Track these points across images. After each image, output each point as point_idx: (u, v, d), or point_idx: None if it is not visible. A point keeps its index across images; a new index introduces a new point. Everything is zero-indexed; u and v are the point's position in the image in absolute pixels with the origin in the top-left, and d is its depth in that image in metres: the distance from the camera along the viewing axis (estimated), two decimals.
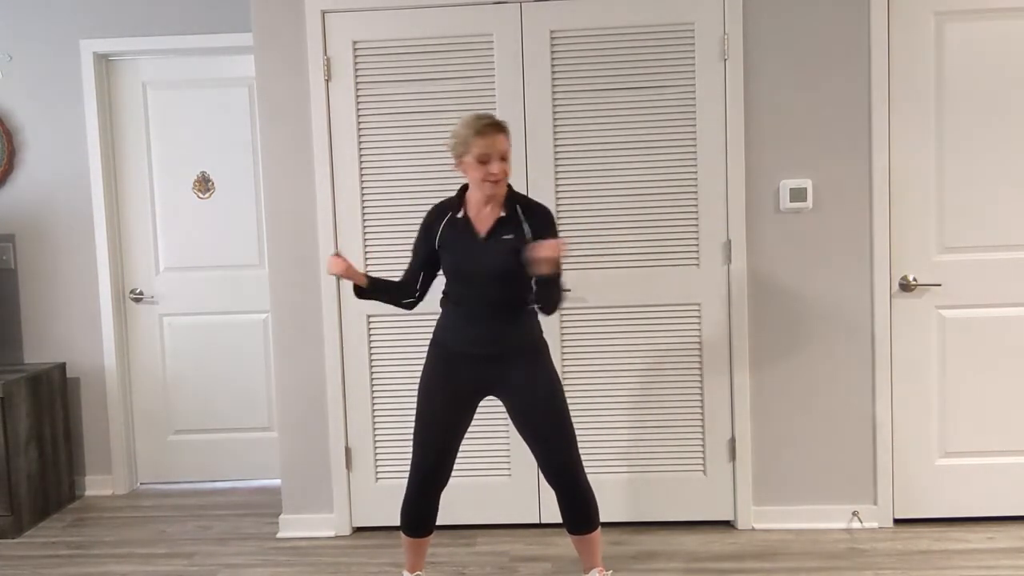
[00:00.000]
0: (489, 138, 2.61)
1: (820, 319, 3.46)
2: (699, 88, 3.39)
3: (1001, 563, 3.17)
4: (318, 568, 3.34)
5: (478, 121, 2.64)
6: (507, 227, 2.70)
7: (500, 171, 2.64)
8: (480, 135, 2.61)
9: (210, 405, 4.35)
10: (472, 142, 2.62)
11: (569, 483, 2.76)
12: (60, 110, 4.15)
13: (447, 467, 2.81)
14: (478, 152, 2.61)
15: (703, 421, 3.52)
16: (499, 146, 2.63)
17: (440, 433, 2.77)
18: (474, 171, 2.65)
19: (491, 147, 2.61)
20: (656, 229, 3.46)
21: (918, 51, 3.38)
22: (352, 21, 3.44)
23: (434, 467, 2.78)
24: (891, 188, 3.40)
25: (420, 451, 2.79)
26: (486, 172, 2.62)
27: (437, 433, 2.77)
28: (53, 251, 4.20)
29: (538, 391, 2.74)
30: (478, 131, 2.61)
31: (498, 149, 2.62)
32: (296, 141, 3.52)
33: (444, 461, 2.79)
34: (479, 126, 2.62)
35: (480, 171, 2.63)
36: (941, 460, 3.50)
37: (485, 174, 2.63)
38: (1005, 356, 3.46)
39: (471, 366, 2.74)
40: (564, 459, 2.75)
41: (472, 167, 2.64)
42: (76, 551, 3.60)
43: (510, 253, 2.66)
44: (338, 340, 3.56)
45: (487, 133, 2.61)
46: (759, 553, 3.32)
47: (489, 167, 2.62)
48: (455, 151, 2.68)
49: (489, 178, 2.63)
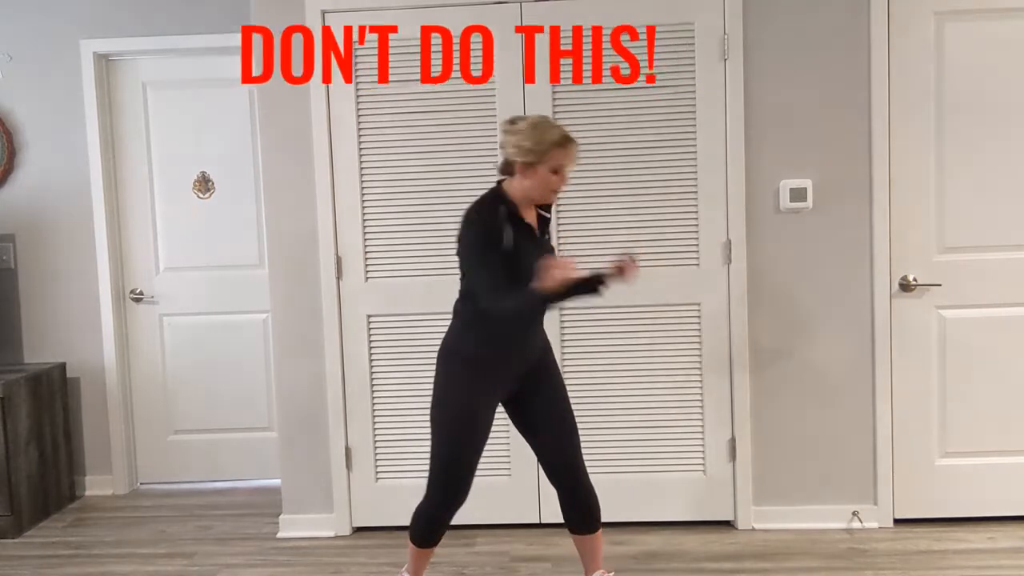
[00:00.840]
0: (569, 151, 2.58)
1: (820, 319, 3.46)
2: (699, 88, 3.39)
3: (1001, 563, 3.17)
4: (318, 568, 3.34)
5: (556, 131, 2.57)
6: (544, 226, 2.73)
7: (565, 181, 2.62)
8: (561, 147, 2.56)
9: (210, 405, 4.35)
10: (552, 153, 2.55)
11: (576, 481, 2.74)
12: (60, 110, 4.15)
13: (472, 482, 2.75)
14: (556, 162, 2.56)
15: (703, 421, 3.52)
16: (572, 159, 2.60)
17: (477, 453, 2.68)
18: (543, 179, 2.57)
19: (570, 159, 2.58)
20: (656, 229, 3.46)
21: (918, 51, 3.38)
22: (352, 21, 3.44)
23: (467, 487, 2.70)
24: (891, 188, 3.40)
25: (456, 477, 2.65)
26: (558, 183, 2.59)
27: (475, 454, 2.67)
28: (53, 251, 4.20)
29: (559, 391, 2.76)
30: (559, 143, 2.55)
31: (571, 162, 2.60)
32: (296, 141, 3.52)
33: (473, 478, 2.72)
34: (559, 136, 2.56)
35: (550, 180, 2.58)
36: (941, 460, 3.50)
37: (557, 185, 2.59)
38: (1005, 356, 3.46)
39: (521, 368, 2.68)
40: (576, 457, 2.75)
41: (543, 175, 2.57)
42: (76, 551, 3.60)
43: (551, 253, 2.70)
44: (338, 340, 3.55)
45: (568, 145, 2.57)
46: (759, 553, 3.32)
47: (561, 178, 2.59)
48: (527, 157, 2.55)
49: (558, 188, 2.61)
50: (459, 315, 2.68)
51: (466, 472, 2.67)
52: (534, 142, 2.54)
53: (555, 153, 2.55)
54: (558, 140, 2.55)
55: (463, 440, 2.64)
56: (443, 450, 2.65)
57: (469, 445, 2.65)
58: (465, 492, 2.71)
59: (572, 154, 2.59)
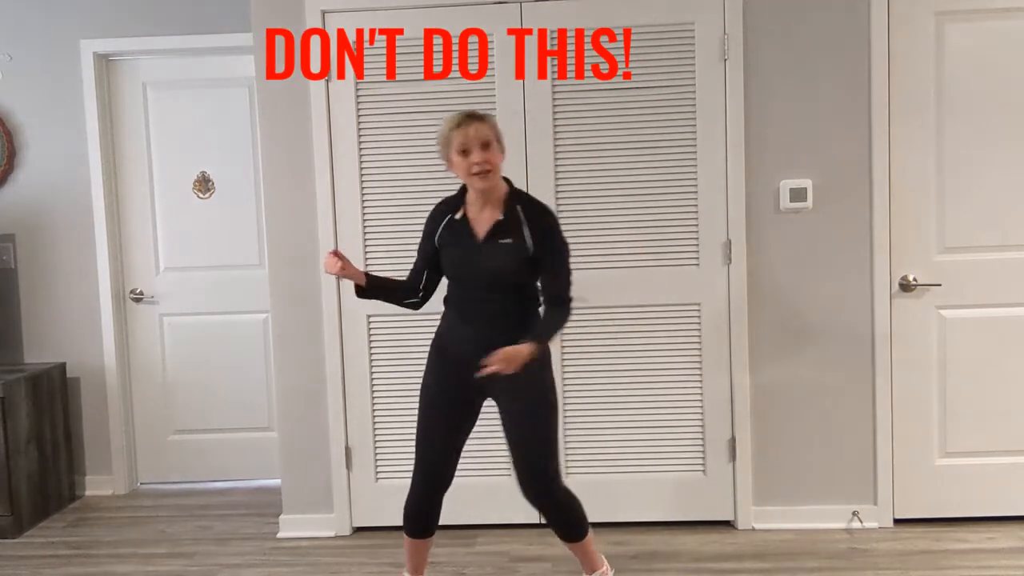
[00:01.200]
0: (465, 128, 2.56)
1: (820, 319, 3.46)
2: (699, 88, 3.39)
3: (1001, 563, 3.17)
4: (318, 568, 3.34)
5: (455, 115, 2.62)
6: (506, 230, 2.63)
7: (483, 159, 2.56)
8: (457, 127, 2.57)
9: (210, 405, 4.35)
10: (451, 136, 2.58)
11: (541, 499, 2.71)
12: (60, 110, 4.15)
13: (448, 468, 2.78)
14: (457, 144, 2.57)
15: (703, 421, 3.52)
16: (478, 133, 2.56)
17: (439, 433, 2.76)
18: (460, 167, 2.60)
19: (468, 136, 2.56)
20: (656, 229, 3.46)
21: (918, 51, 3.38)
22: (352, 21, 3.44)
23: (435, 467, 2.76)
24: (891, 188, 3.40)
25: (420, 451, 2.77)
26: (469, 163, 2.56)
27: (436, 433, 2.76)
28: (53, 251, 4.20)
29: (517, 403, 2.69)
30: (455, 124, 2.58)
31: (477, 137, 2.55)
32: (296, 141, 3.52)
33: (445, 461, 2.77)
34: (456, 119, 2.60)
35: (464, 164, 2.58)
36: (941, 460, 3.50)
37: (469, 166, 2.57)
38: (1005, 356, 3.46)
39: (466, 368, 2.68)
40: (536, 474, 2.68)
41: (457, 163, 2.60)
42: (76, 551, 3.60)
43: (507, 258, 2.62)
44: (338, 340, 3.56)
45: (463, 123, 2.57)
46: (759, 553, 3.32)
47: (471, 157, 2.56)
48: (442, 153, 2.65)
49: (473, 169, 2.57)
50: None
51: (428, 456, 2.75)
52: (439, 136, 2.64)
53: (454, 135, 2.58)
54: (455, 123, 2.59)
55: (419, 413, 2.78)
56: (416, 430, 2.80)
57: (421, 419, 2.76)
58: (430, 477, 2.76)
59: (472, 130, 2.56)
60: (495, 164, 2.60)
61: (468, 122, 2.57)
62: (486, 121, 2.61)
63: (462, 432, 2.80)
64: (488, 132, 2.59)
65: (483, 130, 2.58)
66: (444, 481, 2.80)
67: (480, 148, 2.56)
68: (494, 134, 2.61)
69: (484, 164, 2.56)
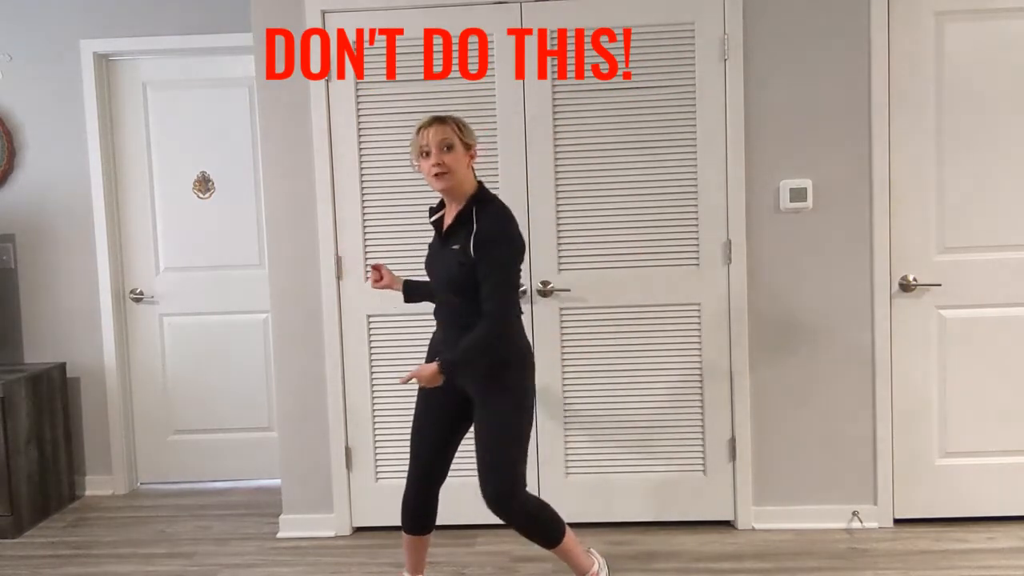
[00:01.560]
0: (425, 130, 2.60)
1: (820, 319, 3.46)
2: (699, 88, 3.39)
3: (1001, 563, 3.17)
4: (318, 568, 3.34)
5: (421, 119, 2.66)
6: (458, 234, 2.61)
7: (440, 160, 2.56)
8: (418, 131, 2.62)
9: (210, 405, 4.35)
10: (414, 139, 2.63)
11: (498, 513, 2.67)
12: (60, 110, 4.15)
13: (442, 463, 2.79)
14: (417, 148, 2.62)
15: (703, 421, 3.52)
16: (434, 136, 2.58)
17: (429, 431, 2.78)
18: (422, 168, 2.64)
19: (427, 138, 2.59)
20: (656, 229, 3.46)
21: (918, 51, 3.38)
22: (352, 21, 3.44)
23: (427, 463, 2.78)
24: (891, 188, 3.41)
25: (414, 447, 2.81)
26: (429, 165, 2.59)
27: (427, 431, 2.78)
28: (53, 251, 4.20)
29: (480, 412, 2.67)
30: (417, 127, 2.63)
31: (434, 140, 2.58)
32: (296, 141, 3.52)
33: (437, 458, 2.78)
34: (420, 122, 2.64)
35: (425, 166, 2.61)
36: (941, 460, 3.50)
37: (428, 168, 2.59)
38: (1005, 356, 3.46)
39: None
40: (490, 489, 2.63)
41: (420, 165, 2.64)
42: (76, 551, 3.60)
43: (452, 263, 2.60)
44: (338, 340, 3.56)
45: (424, 126, 2.61)
46: (759, 553, 3.32)
47: (430, 159, 2.58)
48: (412, 159, 2.68)
49: (432, 171, 2.58)
50: None
51: (418, 453, 2.79)
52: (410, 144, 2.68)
53: (414, 141, 2.64)
54: (418, 126, 2.63)
55: (414, 421, 2.83)
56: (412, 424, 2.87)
57: (416, 428, 2.81)
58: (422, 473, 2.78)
59: (429, 133, 2.59)
60: (451, 166, 2.58)
61: (429, 124, 2.61)
62: (447, 123, 2.61)
63: (454, 431, 2.80)
64: (449, 134, 2.59)
65: (443, 132, 2.59)
66: (438, 476, 2.81)
67: (439, 150, 2.58)
68: (457, 136, 2.60)
69: (439, 166, 2.57)
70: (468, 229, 2.59)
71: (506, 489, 2.63)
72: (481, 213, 2.59)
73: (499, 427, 2.64)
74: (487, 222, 2.57)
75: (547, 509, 2.73)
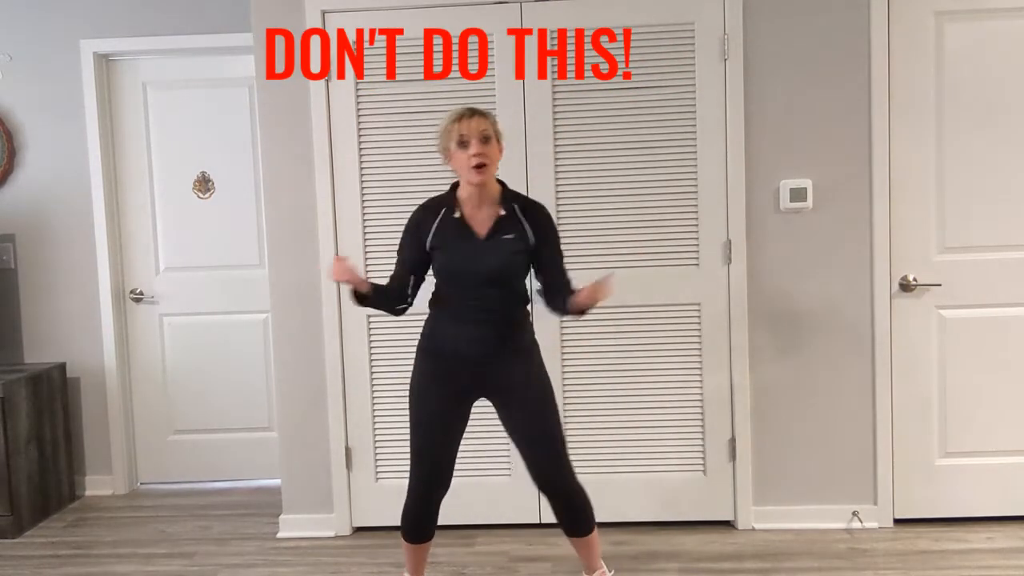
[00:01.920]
0: (467, 120, 2.59)
1: (820, 319, 3.46)
2: (699, 88, 3.39)
3: (1001, 563, 3.17)
4: (318, 568, 3.34)
5: (457, 109, 2.65)
6: (508, 227, 2.65)
7: (482, 151, 2.57)
8: (457, 120, 2.60)
9: (210, 405, 4.35)
10: (451, 129, 2.60)
11: (558, 487, 2.72)
12: (60, 110, 4.15)
13: (448, 473, 2.77)
14: (457, 135, 2.58)
15: (703, 421, 3.52)
16: (478, 126, 2.58)
17: (438, 440, 2.73)
18: (458, 160, 2.61)
19: (469, 128, 2.58)
20: (656, 229, 3.46)
21: (918, 51, 3.38)
22: (352, 21, 3.44)
23: (435, 474, 2.74)
24: (891, 188, 3.40)
25: (419, 459, 2.74)
26: (468, 155, 2.57)
27: (435, 440, 2.73)
28: (53, 251, 4.20)
29: (530, 393, 2.71)
30: (456, 117, 2.61)
31: (477, 129, 2.58)
32: (296, 141, 3.52)
33: (444, 467, 2.76)
34: (457, 112, 2.63)
35: (463, 156, 2.59)
36: (941, 460, 3.50)
37: (467, 158, 2.58)
38: (1005, 356, 3.46)
39: (464, 368, 2.70)
40: (553, 463, 2.70)
41: (456, 156, 2.61)
42: (76, 551, 3.60)
43: (512, 254, 2.65)
44: (338, 340, 3.56)
45: (465, 116, 2.60)
46: (759, 553, 3.32)
47: (470, 149, 2.57)
48: (440, 146, 2.67)
49: (472, 161, 2.57)
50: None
51: (427, 459, 2.74)
52: (440, 128, 2.65)
53: (453, 128, 2.60)
54: (455, 116, 2.61)
55: (415, 420, 2.75)
56: (411, 435, 2.77)
57: (425, 433, 2.73)
58: (432, 483, 2.75)
59: (474, 123, 2.59)
60: (492, 158, 2.61)
61: (470, 115, 2.61)
62: (487, 117, 2.64)
63: (458, 437, 2.78)
64: (488, 127, 2.61)
65: (483, 124, 2.60)
66: (443, 488, 2.78)
67: (479, 141, 2.58)
68: (494, 130, 2.63)
69: (482, 157, 2.57)
70: (517, 220, 2.66)
71: (567, 459, 2.74)
72: (525, 204, 2.72)
73: (551, 405, 2.75)
74: (540, 209, 2.74)
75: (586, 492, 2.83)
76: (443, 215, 2.68)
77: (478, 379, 2.72)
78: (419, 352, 2.80)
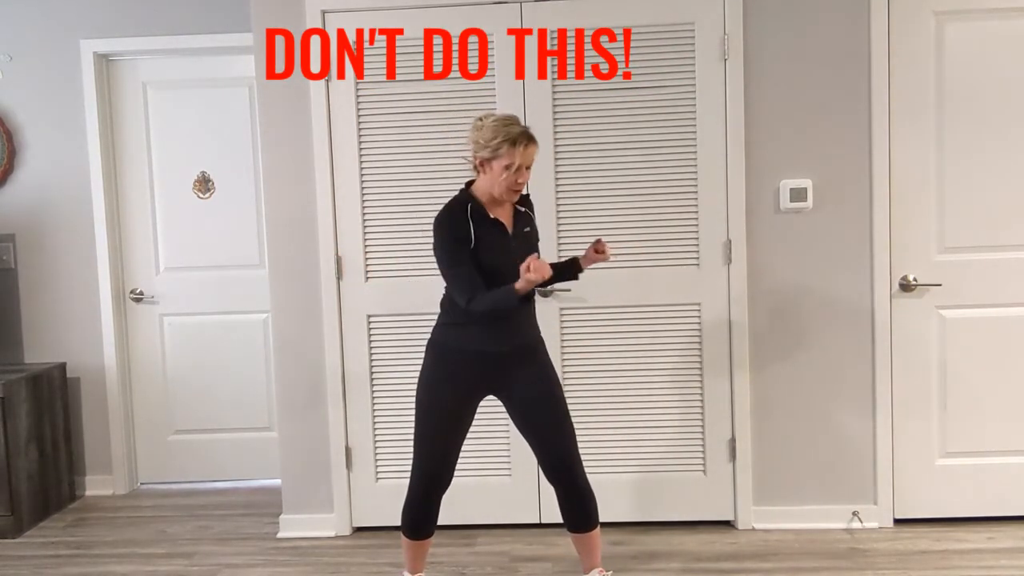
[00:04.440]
0: (523, 150, 2.59)
1: (820, 319, 3.46)
2: (699, 88, 3.39)
3: (1001, 563, 3.17)
4: (318, 568, 3.34)
5: (512, 129, 2.59)
6: (524, 220, 2.77)
7: (525, 179, 2.65)
8: (514, 145, 2.57)
9: (210, 405, 4.35)
10: (504, 151, 2.58)
11: (571, 480, 2.76)
12: (60, 110, 4.15)
13: (452, 470, 2.80)
14: (509, 162, 2.58)
15: (703, 421, 3.52)
16: (530, 156, 2.62)
17: (449, 438, 2.76)
18: (498, 176, 2.61)
19: (524, 159, 2.60)
20: (656, 229, 3.46)
21: (918, 51, 3.38)
22: (352, 21, 3.44)
23: (441, 472, 2.78)
24: (891, 188, 3.40)
25: (428, 457, 2.76)
26: (513, 181, 2.61)
27: (446, 439, 2.76)
28: (53, 251, 4.20)
29: (547, 385, 2.77)
30: (513, 141, 2.57)
31: (528, 159, 2.62)
32: (296, 141, 3.52)
33: (450, 465, 2.79)
34: (514, 135, 2.58)
35: (505, 178, 2.60)
36: (941, 460, 3.50)
37: (512, 183, 2.61)
38: (1005, 356, 3.46)
39: (482, 366, 2.71)
40: (569, 455, 2.75)
41: (497, 171, 2.61)
42: (76, 551, 3.60)
43: (536, 245, 2.78)
44: (338, 340, 3.56)
45: (521, 144, 2.58)
46: (759, 553, 3.32)
47: (518, 176, 2.62)
48: (482, 152, 2.62)
49: (515, 187, 2.64)
50: (442, 311, 2.79)
51: (438, 458, 2.76)
52: (489, 138, 2.60)
53: (508, 151, 2.58)
54: (512, 138, 2.58)
55: (424, 418, 2.75)
56: (417, 433, 2.78)
57: (439, 432, 2.75)
58: (437, 479, 2.77)
59: (527, 154, 2.60)
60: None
61: (528, 144, 2.61)
62: (537, 145, 2.66)
63: (466, 432, 2.82)
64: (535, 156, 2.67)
65: (535, 153, 2.65)
66: (446, 485, 2.82)
67: (528, 169, 2.64)
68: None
69: (523, 185, 2.67)
70: (525, 212, 2.80)
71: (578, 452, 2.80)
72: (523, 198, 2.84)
73: (564, 398, 2.80)
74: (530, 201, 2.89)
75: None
76: (474, 214, 2.66)
77: (492, 376, 2.74)
78: (434, 348, 2.79)
